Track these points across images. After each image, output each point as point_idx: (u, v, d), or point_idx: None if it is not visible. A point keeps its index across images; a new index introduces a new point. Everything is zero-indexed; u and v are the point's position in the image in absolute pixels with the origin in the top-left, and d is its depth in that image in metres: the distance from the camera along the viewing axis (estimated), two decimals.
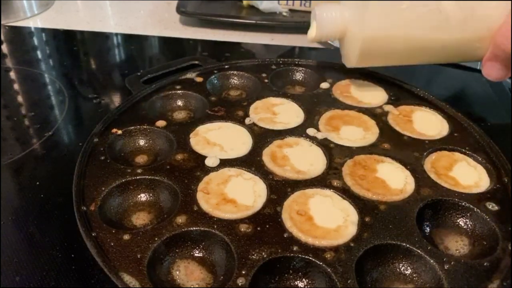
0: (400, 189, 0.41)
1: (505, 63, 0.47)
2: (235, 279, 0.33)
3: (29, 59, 0.71)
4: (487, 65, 0.48)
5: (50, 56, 0.74)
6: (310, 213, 0.38)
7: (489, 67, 0.48)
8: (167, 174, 0.42)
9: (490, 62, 0.48)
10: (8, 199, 0.44)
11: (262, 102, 0.52)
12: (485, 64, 0.48)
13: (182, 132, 0.47)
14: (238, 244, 0.35)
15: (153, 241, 0.35)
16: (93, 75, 0.68)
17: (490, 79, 0.48)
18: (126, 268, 0.33)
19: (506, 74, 0.47)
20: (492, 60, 0.47)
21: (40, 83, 0.65)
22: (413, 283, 0.35)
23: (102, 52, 0.75)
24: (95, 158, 0.43)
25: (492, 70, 0.48)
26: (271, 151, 0.45)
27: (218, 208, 0.38)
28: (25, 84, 0.65)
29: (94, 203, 0.38)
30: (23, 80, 0.66)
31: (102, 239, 0.35)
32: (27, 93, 0.63)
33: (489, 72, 0.48)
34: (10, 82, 0.66)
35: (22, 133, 0.55)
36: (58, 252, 0.38)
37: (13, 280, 0.36)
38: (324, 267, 0.34)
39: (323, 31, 0.51)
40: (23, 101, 0.62)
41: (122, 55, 0.76)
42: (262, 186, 0.41)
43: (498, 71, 0.47)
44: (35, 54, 0.74)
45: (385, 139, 0.47)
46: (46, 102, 0.61)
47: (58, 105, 0.59)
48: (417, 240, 0.36)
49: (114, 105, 0.58)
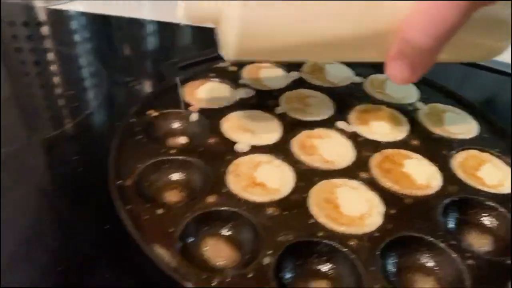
0: (427, 184, 0.42)
1: (411, 60, 0.37)
2: (261, 259, 0.34)
3: (69, 41, 0.74)
4: (391, 64, 0.38)
5: (89, 39, 0.76)
6: (337, 201, 0.39)
7: (394, 67, 0.38)
8: (199, 156, 0.43)
9: (395, 61, 0.38)
10: (50, 171, 0.47)
11: (294, 93, 0.53)
12: (389, 63, 0.38)
13: (214, 117, 0.49)
14: (265, 226, 0.37)
15: (185, 217, 0.37)
16: (129, 60, 0.70)
17: (395, 82, 0.39)
18: (158, 241, 0.35)
19: (413, 75, 0.38)
20: (397, 58, 0.38)
21: (80, 64, 0.67)
22: (434, 275, 0.36)
23: (138, 38, 0.77)
24: (131, 136, 0.45)
25: (397, 71, 0.38)
26: (300, 140, 0.46)
27: (246, 191, 0.39)
28: (64, 65, 0.68)
29: (129, 178, 0.40)
30: (63, 61, 0.69)
31: (136, 212, 0.37)
32: (67, 74, 0.66)
33: (393, 73, 0.38)
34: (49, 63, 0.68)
35: (62, 110, 0.57)
36: (94, 223, 0.40)
37: (51, 246, 0.38)
38: (348, 253, 0.35)
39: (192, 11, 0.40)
40: (62, 81, 0.64)
41: (157, 42, 0.77)
42: (290, 174, 0.42)
43: (403, 71, 0.38)
44: (75, 36, 0.76)
45: (414, 136, 0.48)
46: (85, 82, 0.63)
47: (96, 86, 0.61)
48: (440, 235, 0.37)
49: (149, 89, 0.60)
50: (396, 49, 0.37)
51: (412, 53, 0.37)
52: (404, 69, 0.38)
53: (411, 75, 0.38)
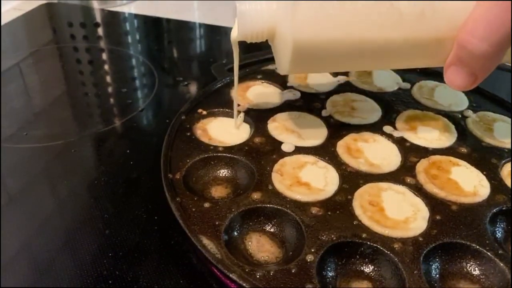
0: (474, 192, 0.41)
1: (471, 67, 0.37)
2: (304, 256, 0.35)
3: (122, 41, 0.77)
4: (450, 70, 0.38)
5: (141, 40, 0.79)
6: (382, 204, 0.39)
7: (452, 72, 0.38)
8: (245, 154, 0.44)
9: (454, 67, 0.38)
10: (102, 163, 0.49)
11: (341, 97, 0.53)
12: (447, 69, 0.38)
13: (261, 117, 0.50)
14: (309, 224, 0.37)
15: (230, 212, 0.38)
16: (179, 61, 0.73)
17: (454, 88, 0.39)
18: (205, 232, 0.36)
19: (472, 81, 0.37)
20: (456, 64, 0.37)
21: (132, 63, 0.70)
22: (480, 283, 0.35)
23: (187, 40, 0.80)
24: (182, 133, 0.47)
25: (456, 77, 0.38)
26: (345, 143, 0.46)
27: (291, 189, 0.40)
28: (118, 64, 0.71)
29: (179, 172, 0.42)
30: (117, 60, 0.72)
31: (185, 204, 0.38)
32: (121, 72, 0.69)
33: (452, 79, 0.38)
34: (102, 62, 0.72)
35: (113, 107, 0.60)
36: (143, 213, 0.42)
37: (103, 233, 0.40)
38: (392, 256, 0.35)
39: (246, 29, 0.40)
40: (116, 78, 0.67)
41: (206, 44, 0.80)
42: (335, 175, 0.42)
43: (464, 78, 0.37)
44: (128, 37, 0.80)
45: (462, 143, 0.47)
46: (137, 81, 0.66)
47: (149, 85, 0.63)
48: (488, 243, 0.36)
49: (199, 89, 0.62)
50: (454, 55, 0.37)
51: (472, 60, 0.36)
52: (463, 75, 0.37)
53: (471, 81, 0.37)
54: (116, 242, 0.39)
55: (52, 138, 0.51)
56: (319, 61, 0.40)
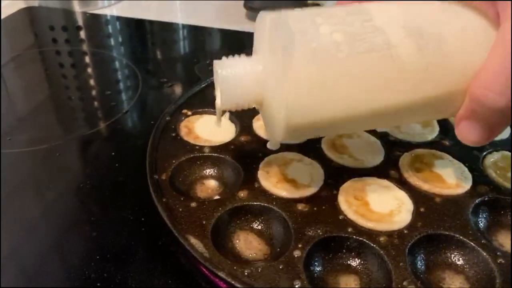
0: (457, 184, 0.42)
1: (485, 121, 0.33)
2: (291, 252, 0.35)
3: (105, 44, 0.77)
4: (462, 124, 0.34)
5: (124, 42, 0.79)
6: (366, 198, 0.40)
7: (465, 127, 0.34)
8: (231, 153, 0.45)
9: (467, 121, 0.34)
10: (88, 166, 0.49)
11: None
12: (459, 124, 0.35)
13: (245, 116, 0.50)
14: (296, 220, 0.38)
15: (217, 211, 0.38)
16: (163, 62, 0.73)
17: (467, 143, 0.35)
18: (192, 232, 0.36)
19: (488, 135, 0.34)
20: (470, 118, 0.34)
21: (116, 66, 0.70)
22: (464, 273, 0.36)
23: (171, 41, 0.80)
24: (167, 134, 0.47)
25: (469, 132, 0.34)
26: (330, 139, 0.47)
27: (277, 186, 0.40)
28: (102, 67, 0.71)
29: (165, 173, 0.42)
30: (101, 63, 0.71)
31: (172, 205, 0.39)
32: (104, 75, 0.69)
33: (465, 134, 0.34)
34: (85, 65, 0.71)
35: (97, 110, 0.60)
36: (130, 215, 0.42)
37: (90, 236, 0.40)
38: (377, 249, 0.35)
39: (231, 100, 0.35)
40: (100, 81, 0.67)
41: (190, 45, 0.79)
42: (320, 171, 0.43)
43: (479, 133, 0.34)
44: (111, 40, 0.79)
45: (445, 136, 0.48)
46: (121, 83, 0.66)
47: (133, 87, 0.63)
48: (470, 233, 0.37)
49: (183, 90, 0.62)
50: (467, 109, 0.34)
51: (488, 114, 0.32)
52: (478, 130, 0.34)
53: (486, 135, 0.34)
54: (103, 245, 0.39)
55: (37, 143, 0.51)
56: (318, 130, 0.36)
